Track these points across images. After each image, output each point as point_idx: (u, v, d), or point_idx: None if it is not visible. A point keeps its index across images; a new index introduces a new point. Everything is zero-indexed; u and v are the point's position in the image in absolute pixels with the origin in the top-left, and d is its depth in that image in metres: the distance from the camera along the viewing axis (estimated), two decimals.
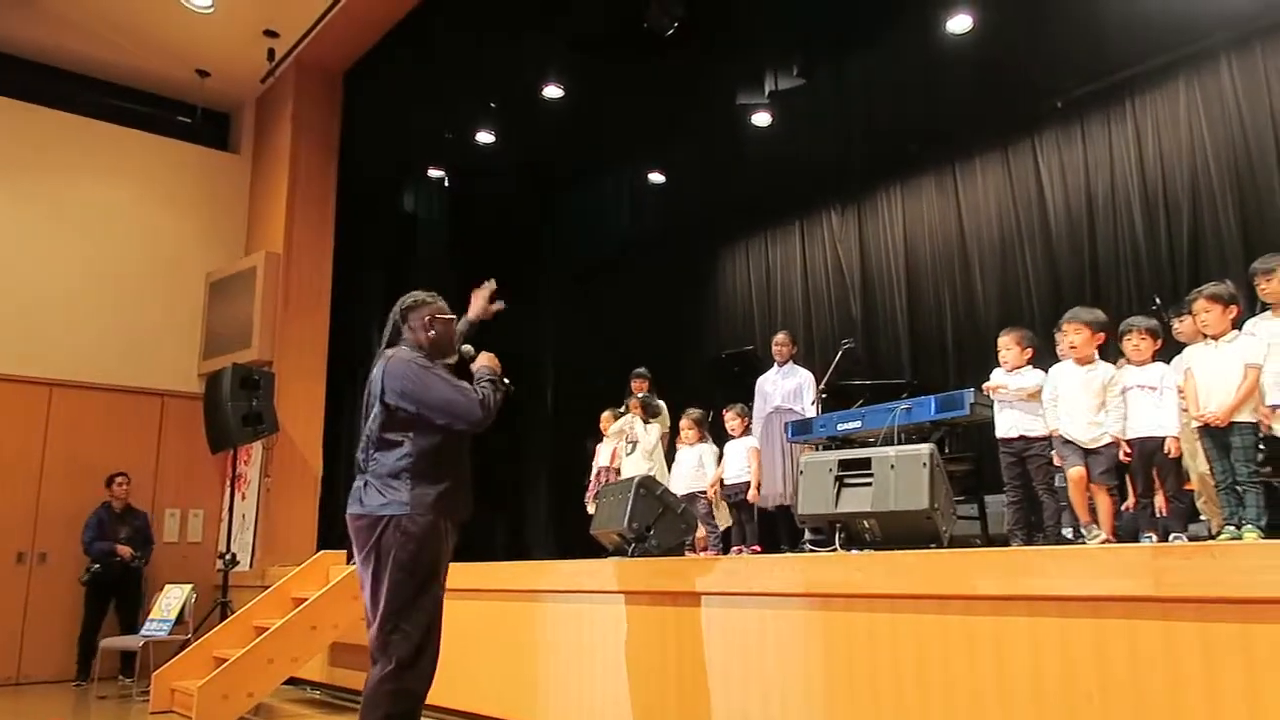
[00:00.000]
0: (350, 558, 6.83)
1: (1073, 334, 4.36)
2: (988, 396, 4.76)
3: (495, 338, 3.78)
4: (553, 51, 7.81)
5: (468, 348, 3.69)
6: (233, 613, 7.07)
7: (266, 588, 7.07)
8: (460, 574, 5.54)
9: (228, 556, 7.96)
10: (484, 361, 3.57)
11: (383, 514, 3.22)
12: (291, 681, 6.67)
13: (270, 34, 8.61)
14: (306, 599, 6.18)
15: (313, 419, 8.85)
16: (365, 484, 3.31)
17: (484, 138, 8.83)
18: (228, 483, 8.81)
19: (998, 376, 4.69)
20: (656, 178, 9.77)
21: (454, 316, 3.62)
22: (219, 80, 9.41)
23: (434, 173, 9.81)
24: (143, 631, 7.37)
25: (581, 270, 11.15)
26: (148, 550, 8.11)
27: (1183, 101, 7.25)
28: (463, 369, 3.59)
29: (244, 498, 8.69)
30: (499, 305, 3.92)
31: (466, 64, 8.10)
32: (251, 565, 8.29)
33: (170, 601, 7.40)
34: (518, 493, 10.56)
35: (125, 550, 7.85)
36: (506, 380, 3.58)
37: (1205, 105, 7.12)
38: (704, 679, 3.96)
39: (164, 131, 9.51)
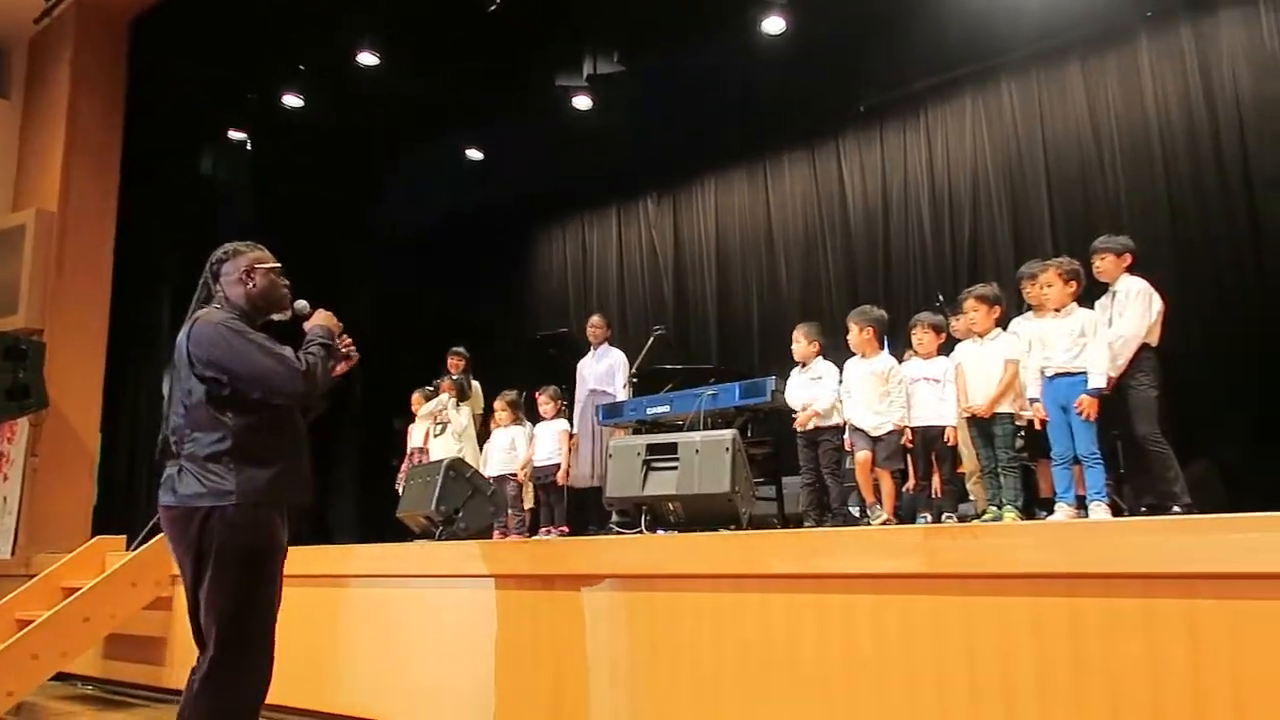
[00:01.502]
0: (131, 544, 6.38)
1: (851, 331, 4.69)
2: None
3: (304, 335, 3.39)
4: (368, 17, 7.50)
5: (302, 303, 3.24)
6: None
7: (32, 577, 6.47)
8: None
9: None
10: (319, 320, 3.13)
11: (201, 505, 2.80)
12: (60, 677, 6.15)
13: None
14: (79, 589, 5.71)
15: (89, 394, 8.15)
16: (180, 470, 2.85)
17: (292, 101, 8.37)
18: None
19: (794, 392, 4.91)
20: (475, 154, 9.60)
21: (278, 265, 3.15)
22: None
23: (236, 135, 9.20)
24: None
25: (395, 245, 10.80)
26: None
27: (969, 115, 7.86)
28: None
29: (5, 479, 7.90)
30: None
31: (272, 21, 7.64)
32: (13, 553, 7.56)
33: None
34: (323, 475, 10.12)
35: None
36: (353, 349, 3.24)
37: (988, 120, 7.76)
38: (514, 659, 3.98)
39: None
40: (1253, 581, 2.45)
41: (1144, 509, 4.32)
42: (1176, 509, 3.97)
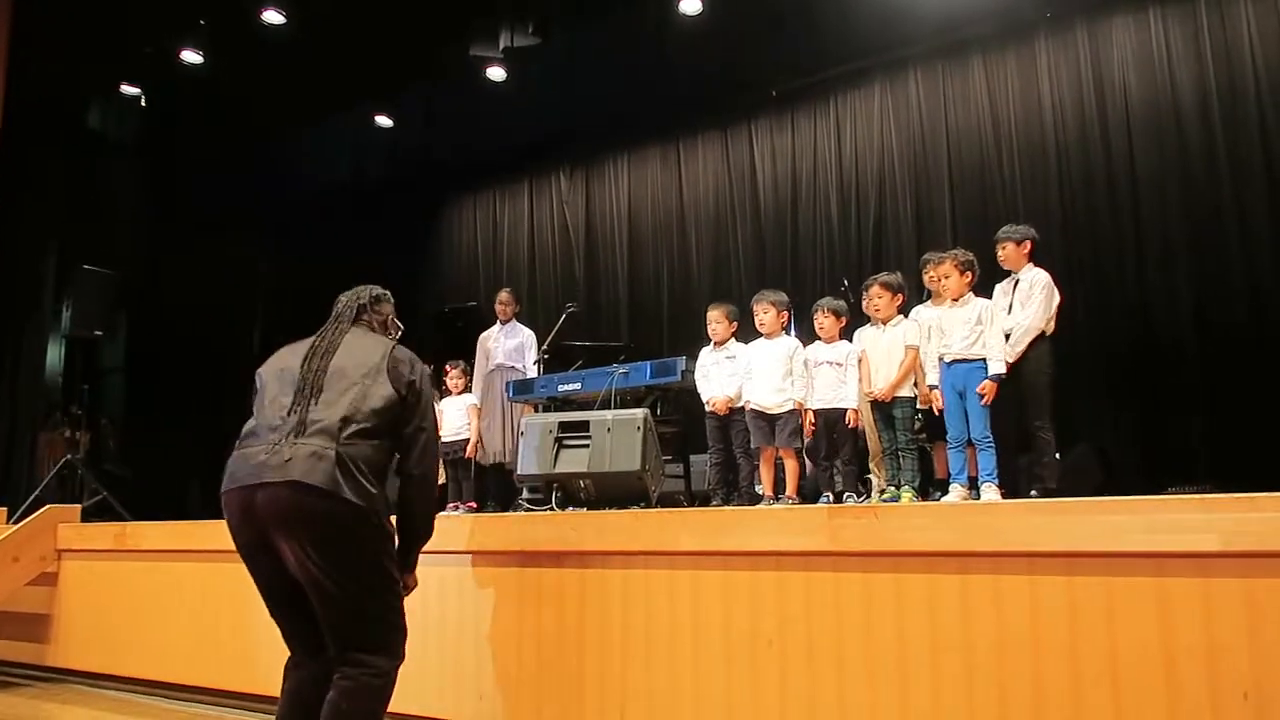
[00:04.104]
0: (13, 516, 6.08)
1: (761, 313, 4.79)
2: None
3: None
4: None
5: None
6: None
7: None
8: (160, 534, 5.15)
9: None
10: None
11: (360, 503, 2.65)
12: None
13: None
14: None
15: None
16: (339, 459, 2.64)
17: (191, 57, 8.01)
18: None
19: (707, 370, 4.99)
20: (384, 121, 9.37)
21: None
22: None
23: (128, 89, 8.76)
24: None
25: (298, 210, 10.50)
26: None
27: (877, 105, 8.07)
28: None
29: None
30: None
31: None
32: None
33: None
34: (219, 449, 9.81)
35: None
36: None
37: (895, 111, 7.98)
38: (416, 637, 3.96)
39: None
40: (1127, 559, 2.64)
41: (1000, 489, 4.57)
42: (1034, 491, 4.24)
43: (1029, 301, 4.45)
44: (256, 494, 2.63)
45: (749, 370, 4.77)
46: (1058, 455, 4.58)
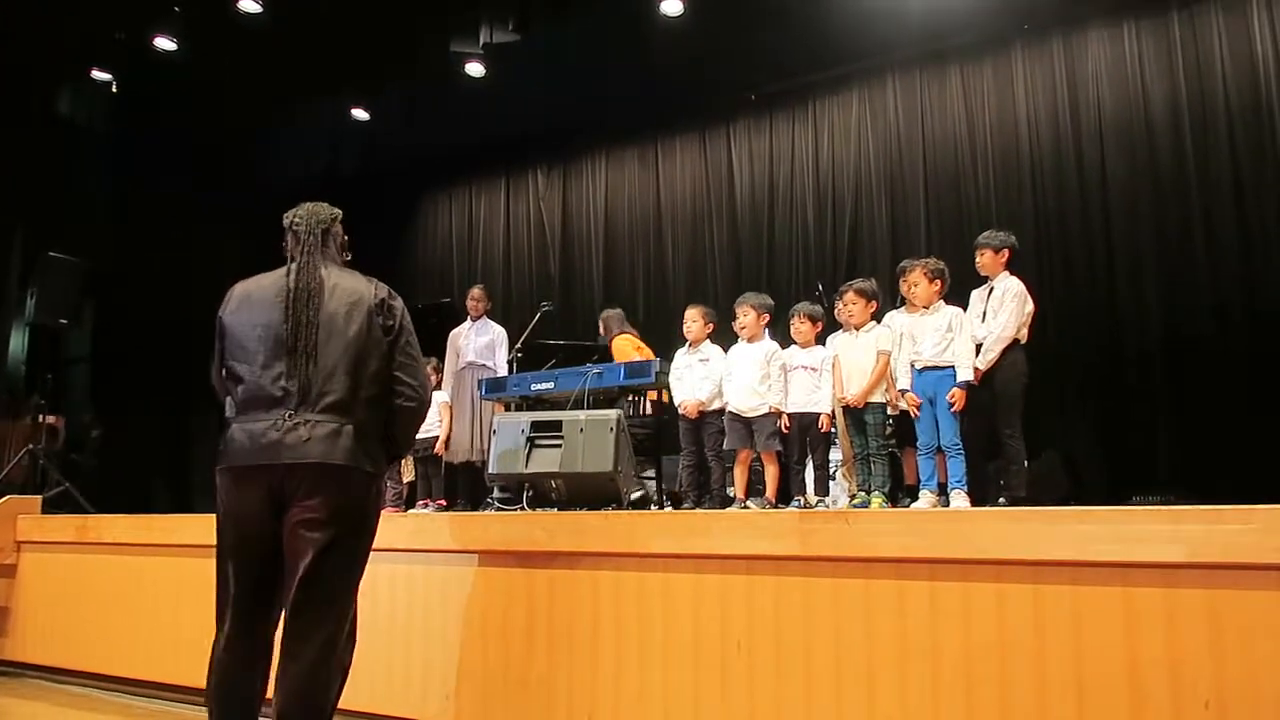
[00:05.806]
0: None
1: (741, 315, 4.80)
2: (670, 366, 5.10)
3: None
4: None
5: None
6: None
7: None
8: (123, 527, 5.07)
9: None
10: None
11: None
12: None
13: None
14: None
15: None
16: (349, 429, 2.70)
17: (164, 44, 7.89)
18: None
19: (680, 373, 4.99)
20: (360, 114, 9.28)
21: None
22: None
23: (99, 75, 8.62)
24: None
25: (271, 204, 10.36)
26: None
27: (855, 111, 8.11)
28: None
29: None
30: None
31: None
32: None
33: None
34: (185, 442, 9.70)
35: None
36: None
37: (872, 117, 8.03)
38: (384, 635, 3.93)
39: None
40: (1092, 569, 2.66)
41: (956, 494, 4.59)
42: (1002, 499, 4.27)
43: (1001, 309, 4.48)
44: (274, 472, 2.64)
45: (729, 372, 4.78)
46: (1026, 463, 4.63)
